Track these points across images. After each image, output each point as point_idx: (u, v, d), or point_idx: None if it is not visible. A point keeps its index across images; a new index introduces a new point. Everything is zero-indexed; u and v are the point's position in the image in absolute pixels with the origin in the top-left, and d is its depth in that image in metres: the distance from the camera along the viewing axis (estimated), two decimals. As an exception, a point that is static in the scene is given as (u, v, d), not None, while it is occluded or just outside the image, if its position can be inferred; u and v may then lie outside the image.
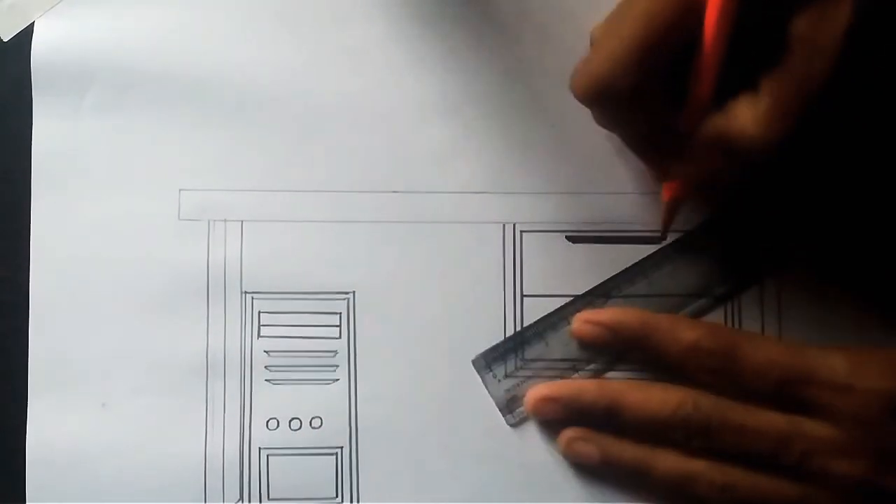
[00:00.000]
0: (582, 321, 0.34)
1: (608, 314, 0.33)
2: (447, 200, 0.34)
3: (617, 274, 0.34)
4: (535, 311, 0.34)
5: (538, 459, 0.34)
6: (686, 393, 0.32)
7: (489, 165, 0.34)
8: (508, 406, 0.34)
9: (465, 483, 0.34)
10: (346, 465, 0.34)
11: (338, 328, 0.34)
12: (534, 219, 0.34)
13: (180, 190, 0.34)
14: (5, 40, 0.34)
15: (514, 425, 0.34)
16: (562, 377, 0.34)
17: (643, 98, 0.28)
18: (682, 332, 0.32)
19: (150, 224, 0.34)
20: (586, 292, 0.34)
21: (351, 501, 0.34)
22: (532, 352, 0.34)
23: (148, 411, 0.34)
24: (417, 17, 0.35)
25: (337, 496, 0.34)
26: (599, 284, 0.34)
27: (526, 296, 0.34)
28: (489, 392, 0.34)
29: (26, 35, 0.34)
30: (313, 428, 0.34)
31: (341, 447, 0.34)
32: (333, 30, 0.35)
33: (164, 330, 0.34)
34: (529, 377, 0.34)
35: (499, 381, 0.34)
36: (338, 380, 0.34)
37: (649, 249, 0.34)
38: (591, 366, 0.34)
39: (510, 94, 0.34)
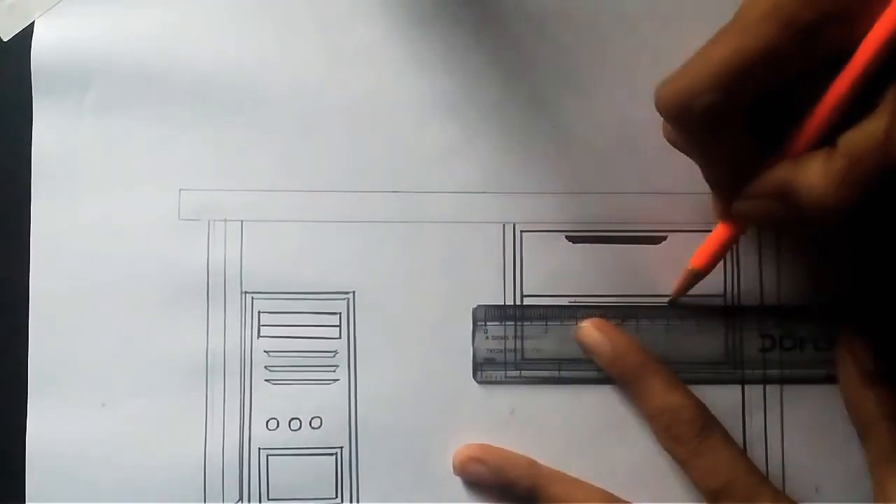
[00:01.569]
0: (591, 325, 0.34)
1: (618, 335, 0.33)
2: (447, 200, 0.34)
3: (643, 306, 0.34)
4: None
5: (538, 458, 0.34)
6: (606, 497, 0.33)
7: (489, 165, 0.34)
8: (482, 364, 0.34)
9: (465, 483, 0.34)
10: (346, 465, 0.34)
11: (338, 328, 0.34)
12: (534, 219, 0.34)
13: (180, 190, 0.34)
14: (5, 40, 0.34)
15: (480, 382, 0.34)
16: (541, 367, 0.34)
17: (721, 123, 0.27)
18: (672, 392, 0.33)
19: (150, 224, 0.34)
20: (607, 305, 0.34)
21: (351, 501, 0.34)
22: (530, 329, 0.34)
23: (148, 411, 0.34)
24: (417, 17, 0.35)
25: (337, 496, 0.34)
26: (625, 307, 0.34)
27: (526, 296, 0.34)
28: (473, 344, 0.34)
29: (26, 35, 0.34)
30: (313, 428, 0.34)
31: (341, 447, 0.34)
32: (334, 30, 0.35)
33: (164, 330, 0.34)
34: (514, 350, 0.34)
35: (486, 337, 0.34)
36: (338, 380, 0.34)
37: (648, 250, 0.34)
38: (572, 372, 0.34)
39: (510, 94, 0.34)
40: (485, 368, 0.34)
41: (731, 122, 0.27)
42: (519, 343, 0.34)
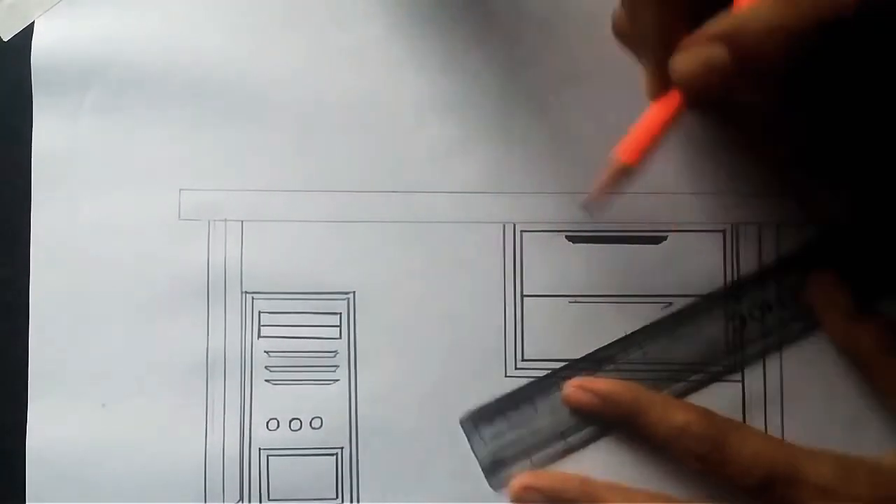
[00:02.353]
0: (574, 387, 0.33)
1: (602, 383, 0.33)
2: (447, 200, 0.34)
3: (609, 343, 0.34)
4: (536, 310, 0.34)
5: None
6: (667, 499, 0.32)
7: (489, 165, 0.34)
8: (492, 469, 0.33)
9: (465, 483, 0.34)
10: (346, 466, 0.34)
11: (338, 328, 0.34)
12: (534, 219, 0.34)
13: (180, 190, 0.34)
14: (5, 40, 0.34)
15: (496, 489, 0.33)
16: (548, 444, 0.33)
17: None
18: (673, 413, 0.32)
19: (150, 224, 0.34)
20: (579, 359, 0.34)
21: (351, 502, 0.34)
22: (520, 416, 0.34)
23: (148, 411, 0.34)
24: (417, 17, 0.35)
25: (337, 496, 0.34)
26: (591, 353, 0.34)
27: (526, 296, 0.34)
28: (475, 453, 0.33)
29: (26, 35, 0.34)
30: (313, 428, 0.34)
31: (341, 447, 0.34)
32: (333, 30, 0.35)
33: (164, 330, 0.34)
34: (516, 441, 0.33)
35: (485, 443, 0.33)
36: (338, 380, 0.34)
37: (648, 250, 0.34)
38: (578, 435, 0.33)
39: (510, 94, 0.35)
40: (497, 471, 0.33)
41: None
42: (517, 433, 0.34)
